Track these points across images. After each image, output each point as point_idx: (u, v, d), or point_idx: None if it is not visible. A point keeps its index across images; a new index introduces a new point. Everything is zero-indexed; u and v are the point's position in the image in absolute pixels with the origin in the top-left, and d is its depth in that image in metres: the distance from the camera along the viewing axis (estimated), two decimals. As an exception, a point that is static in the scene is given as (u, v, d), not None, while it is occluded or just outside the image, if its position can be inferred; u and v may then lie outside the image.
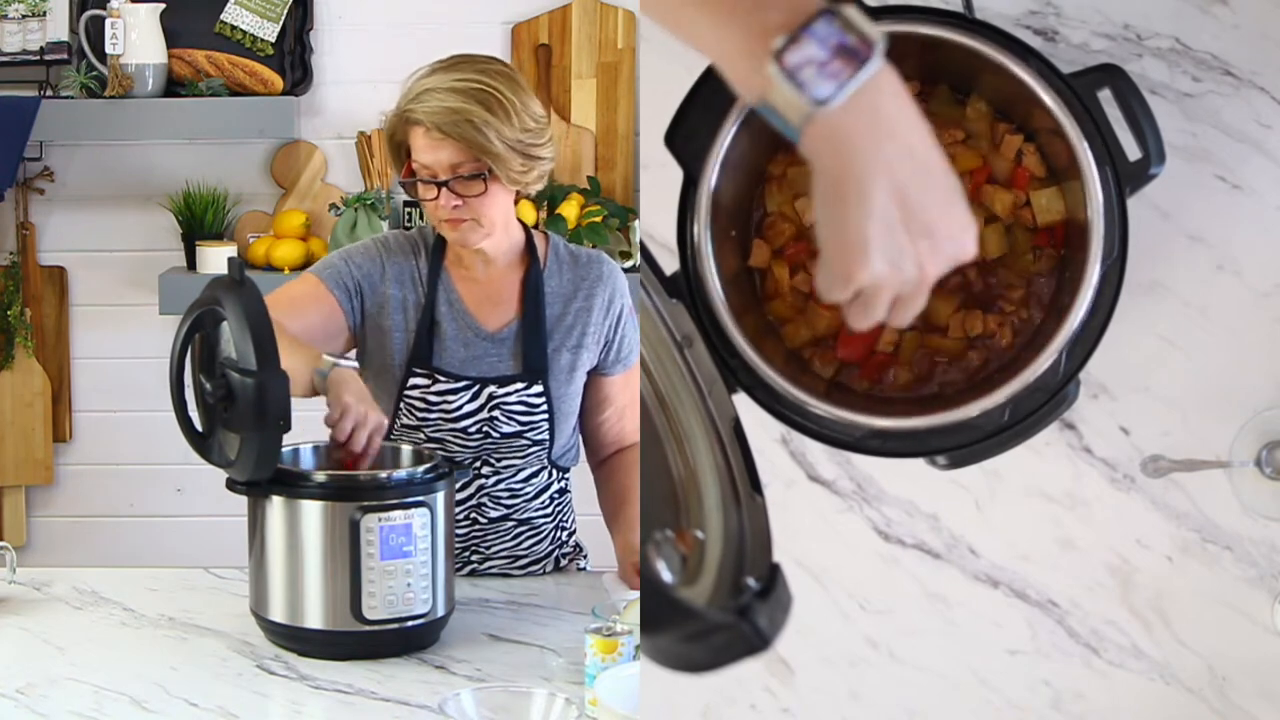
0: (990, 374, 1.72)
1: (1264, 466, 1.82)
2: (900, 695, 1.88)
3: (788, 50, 1.33)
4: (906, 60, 1.54)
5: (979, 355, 1.74)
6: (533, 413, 2.46)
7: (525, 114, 2.35)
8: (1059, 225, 1.72)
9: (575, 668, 2.06)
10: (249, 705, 2.01)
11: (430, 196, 2.37)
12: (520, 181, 2.38)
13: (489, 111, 2.32)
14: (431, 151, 2.34)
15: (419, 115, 2.33)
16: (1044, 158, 1.73)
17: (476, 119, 2.31)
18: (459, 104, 2.31)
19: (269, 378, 2.04)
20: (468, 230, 2.39)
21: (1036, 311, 1.73)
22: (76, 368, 3.83)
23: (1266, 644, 1.82)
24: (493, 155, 2.32)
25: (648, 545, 1.59)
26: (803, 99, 1.34)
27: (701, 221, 1.69)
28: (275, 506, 2.14)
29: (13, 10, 3.61)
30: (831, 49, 1.33)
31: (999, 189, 1.73)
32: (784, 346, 1.75)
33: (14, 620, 2.29)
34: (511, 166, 2.34)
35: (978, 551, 1.87)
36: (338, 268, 2.47)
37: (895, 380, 1.75)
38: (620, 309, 2.52)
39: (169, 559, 3.70)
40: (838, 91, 1.33)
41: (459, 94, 2.32)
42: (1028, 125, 1.73)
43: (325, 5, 3.72)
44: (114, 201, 3.77)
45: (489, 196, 2.36)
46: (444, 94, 2.32)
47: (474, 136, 2.31)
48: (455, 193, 2.35)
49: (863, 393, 1.75)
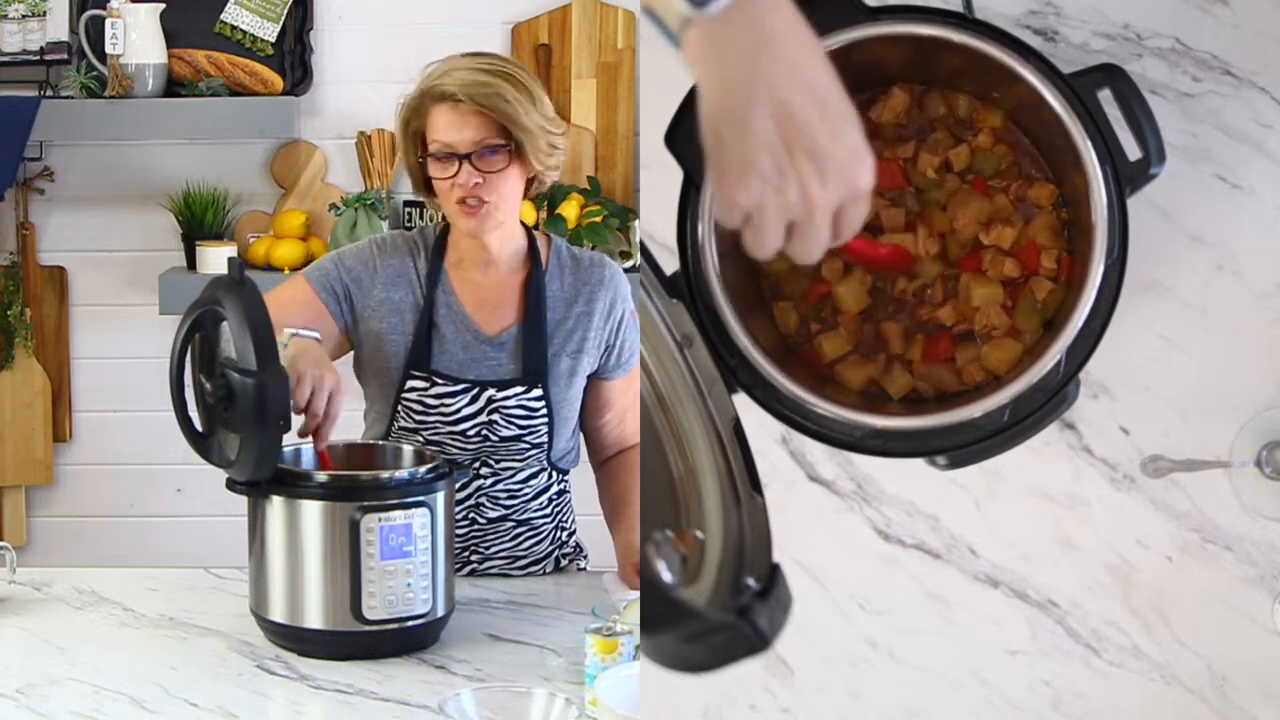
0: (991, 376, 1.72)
1: (1264, 466, 1.82)
2: (900, 695, 1.88)
3: None
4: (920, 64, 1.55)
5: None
6: (532, 416, 2.46)
7: (545, 104, 2.39)
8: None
9: (575, 668, 2.06)
10: (249, 705, 2.01)
11: (449, 174, 2.36)
12: (544, 164, 2.39)
13: (517, 90, 2.35)
14: (456, 128, 2.34)
15: (449, 86, 2.33)
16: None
17: (508, 94, 2.33)
18: (489, 79, 2.34)
19: (269, 378, 2.04)
20: (483, 217, 2.38)
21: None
22: (76, 368, 3.82)
23: (1266, 644, 1.83)
24: (523, 129, 2.34)
25: (648, 545, 1.59)
26: (681, 3, 1.31)
27: (701, 221, 1.69)
28: (275, 506, 2.14)
29: (13, 10, 3.60)
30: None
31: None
32: (785, 346, 1.76)
33: (14, 620, 2.29)
34: (539, 145, 2.36)
35: (978, 551, 1.87)
36: (327, 270, 2.47)
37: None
38: (622, 314, 2.52)
39: (169, 559, 3.69)
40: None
41: (487, 72, 2.35)
42: (1031, 125, 1.73)
43: (325, 5, 3.72)
44: (114, 201, 3.77)
45: (508, 175, 2.36)
46: (473, 71, 2.35)
47: (505, 108, 2.33)
48: (476, 168, 2.35)
49: (862, 390, 1.75)
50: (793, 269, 1.76)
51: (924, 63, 1.72)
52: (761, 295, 1.78)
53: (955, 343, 1.74)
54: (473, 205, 2.37)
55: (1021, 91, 1.66)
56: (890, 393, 1.74)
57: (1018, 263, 1.72)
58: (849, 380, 1.75)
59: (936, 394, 1.74)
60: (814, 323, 1.77)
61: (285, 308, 2.38)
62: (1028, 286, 1.72)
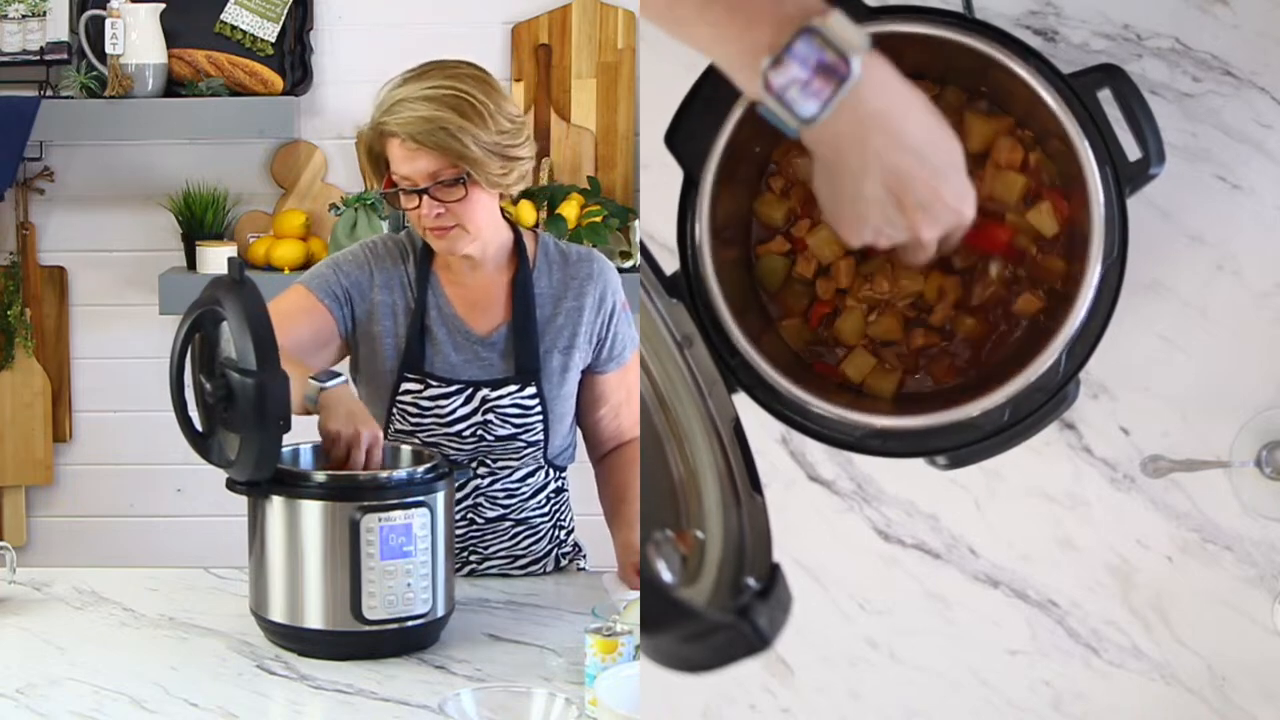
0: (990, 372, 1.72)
1: (1264, 466, 1.82)
2: (900, 695, 1.88)
3: (772, 73, 1.43)
4: (917, 60, 1.54)
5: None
6: (527, 415, 2.46)
7: (500, 116, 2.35)
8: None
9: (575, 668, 2.06)
10: (249, 705, 2.01)
11: (412, 206, 2.36)
12: (500, 184, 2.37)
13: (463, 117, 2.31)
14: (409, 162, 2.34)
15: (393, 127, 2.33)
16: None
17: (451, 126, 2.30)
18: (432, 112, 2.31)
19: (269, 378, 2.04)
20: (454, 238, 2.39)
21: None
22: (76, 368, 3.83)
23: (1266, 644, 1.82)
24: (470, 160, 2.32)
25: (648, 545, 1.59)
26: (791, 117, 1.44)
27: (702, 221, 1.69)
28: (275, 506, 2.14)
29: (13, 10, 3.60)
30: (813, 69, 1.42)
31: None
32: (786, 346, 1.76)
33: (14, 620, 2.29)
34: (490, 170, 2.34)
35: (978, 551, 1.87)
36: (326, 277, 2.47)
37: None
38: (612, 306, 2.52)
39: (169, 559, 3.69)
40: (821, 110, 1.44)
41: (431, 102, 2.31)
42: (1029, 125, 1.73)
43: (325, 5, 3.72)
44: (114, 201, 3.77)
45: (470, 201, 2.36)
46: (416, 103, 2.32)
47: (449, 144, 2.31)
48: (436, 199, 2.35)
49: (856, 388, 1.75)
50: (791, 288, 1.76)
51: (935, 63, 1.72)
52: (765, 311, 1.78)
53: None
54: (441, 229, 2.37)
55: (1022, 91, 1.66)
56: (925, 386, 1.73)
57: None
58: (881, 390, 1.74)
59: (937, 388, 1.74)
60: (822, 344, 1.77)
61: (289, 317, 2.37)
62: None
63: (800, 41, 1.41)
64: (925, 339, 1.73)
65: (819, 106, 1.43)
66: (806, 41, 1.41)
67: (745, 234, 1.77)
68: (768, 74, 1.42)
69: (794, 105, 1.43)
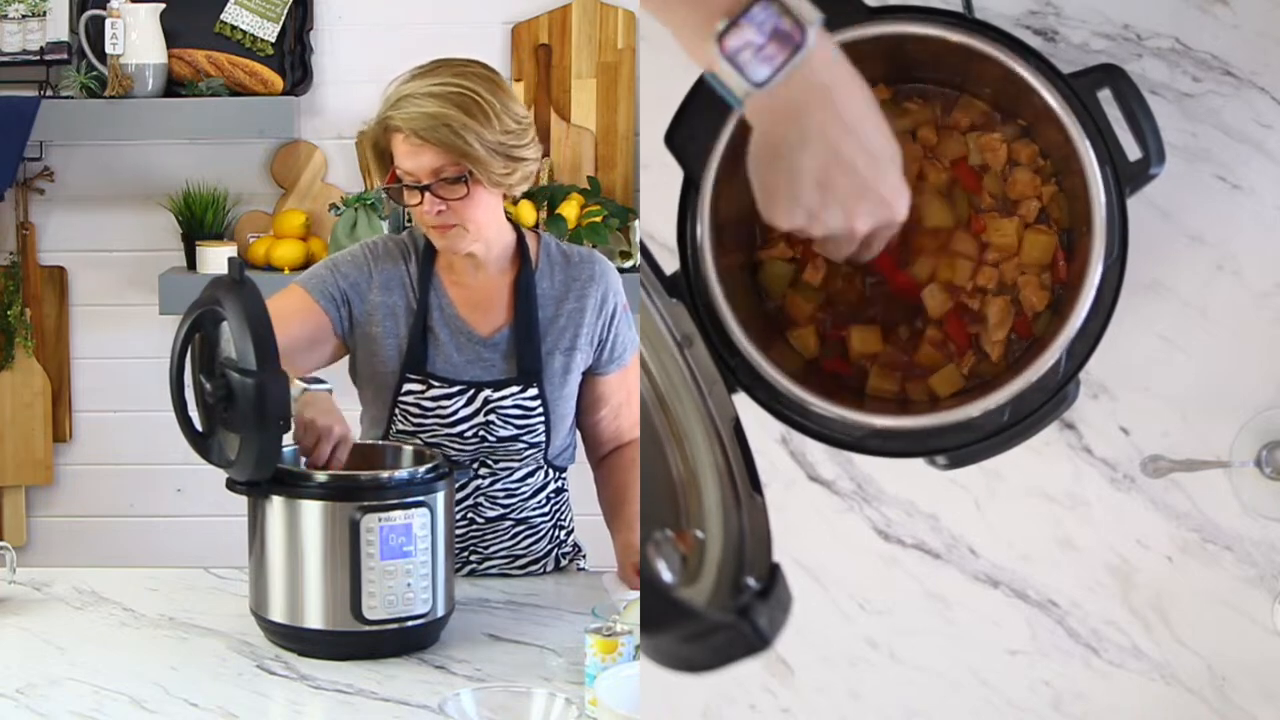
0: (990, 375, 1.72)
1: (1264, 466, 1.82)
2: (900, 695, 1.88)
3: (727, 35, 1.44)
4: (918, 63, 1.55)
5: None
6: (528, 416, 2.46)
7: (505, 116, 2.35)
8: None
9: (575, 668, 2.06)
10: (249, 705, 2.01)
11: (415, 202, 2.36)
12: (503, 184, 2.37)
13: (468, 115, 2.31)
14: (413, 157, 2.34)
15: (398, 122, 2.33)
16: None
17: (455, 123, 2.30)
18: (437, 109, 2.31)
19: (269, 378, 2.04)
20: (455, 236, 2.39)
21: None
22: (76, 368, 3.83)
23: (1266, 644, 1.82)
24: (473, 159, 2.32)
25: (648, 545, 1.59)
26: (742, 81, 1.45)
27: (703, 222, 1.69)
28: (275, 506, 2.14)
29: (13, 10, 3.60)
30: (768, 33, 1.43)
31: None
32: (793, 351, 1.75)
33: (14, 620, 2.29)
34: (493, 169, 2.34)
35: (978, 551, 1.87)
36: (323, 277, 2.47)
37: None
38: (614, 308, 2.52)
39: (169, 559, 3.69)
40: (773, 75, 1.45)
41: (437, 99, 2.31)
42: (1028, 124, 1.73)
43: (325, 5, 3.72)
44: (114, 201, 3.77)
45: (472, 200, 2.36)
46: (422, 99, 2.32)
47: (453, 141, 2.31)
48: (439, 196, 2.35)
49: (856, 387, 1.75)
50: (797, 294, 1.76)
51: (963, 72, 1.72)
52: (772, 320, 1.78)
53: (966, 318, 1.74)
54: (442, 227, 2.38)
55: (1022, 90, 1.66)
56: (938, 391, 1.73)
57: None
58: (884, 390, 1.74)
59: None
60: (831, 352, 1.77)
61: (285, 318, 2.36)
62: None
63: (758, 6, 1.43)
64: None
65: (771, 71, 1.44)
66: (765, 7, 1.43)
67: (747, 236, 1.77)
68: (723, 36, 1.43)
69: (746, 68, 1.44)
